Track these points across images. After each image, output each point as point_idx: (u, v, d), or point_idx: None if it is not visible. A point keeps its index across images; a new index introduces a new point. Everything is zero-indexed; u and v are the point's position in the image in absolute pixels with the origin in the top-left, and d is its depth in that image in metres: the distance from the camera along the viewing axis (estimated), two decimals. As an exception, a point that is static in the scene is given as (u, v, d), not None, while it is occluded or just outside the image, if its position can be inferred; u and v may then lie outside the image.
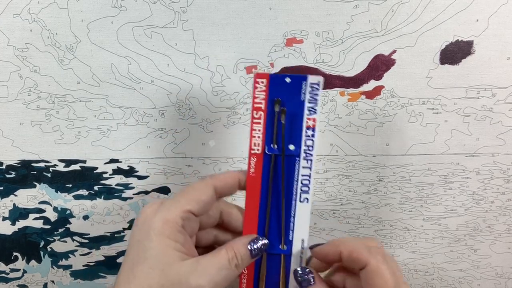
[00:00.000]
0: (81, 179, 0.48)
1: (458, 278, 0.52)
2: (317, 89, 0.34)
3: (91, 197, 0.49)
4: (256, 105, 0.34)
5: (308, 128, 0.34)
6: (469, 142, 0.47)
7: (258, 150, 0.34)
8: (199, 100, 0.46)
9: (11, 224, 0.49)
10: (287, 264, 0.35)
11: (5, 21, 0.44)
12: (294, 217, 0.35)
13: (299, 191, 0.35)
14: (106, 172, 0.48)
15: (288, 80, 0.34)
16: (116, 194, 0.49)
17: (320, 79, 0.34)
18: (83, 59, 0.45)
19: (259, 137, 0.34)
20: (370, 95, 0.46)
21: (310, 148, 0.34)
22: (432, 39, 0.44)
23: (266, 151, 0.34)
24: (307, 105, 0.34)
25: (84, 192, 0.49)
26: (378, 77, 0.45)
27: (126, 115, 0.46)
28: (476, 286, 0.53)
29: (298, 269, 0.34)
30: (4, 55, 0.45)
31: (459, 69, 0.45)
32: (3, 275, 0.51)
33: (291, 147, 0.34)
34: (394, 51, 0.45)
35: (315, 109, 0.34)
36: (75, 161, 0.48)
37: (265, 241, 0.34)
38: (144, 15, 0.44)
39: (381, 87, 0.46)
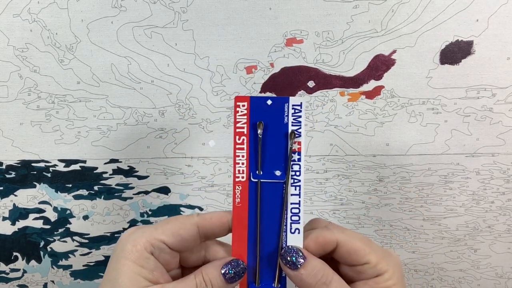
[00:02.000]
0: (81, 179, 0.48)
1: (458, 278, 0.52)
2: (300, 110, 0.32)
3: (91, 197, 0.49)
4: (238, 130, 0.32)
5: (293, 152, 0.32)
6: (469, 142, 0.47)
7: (242, 177, 0.32)
8: (199, 100, 0.46)
9: (11, 224, 0.49)
10: None
11: (5, 21, 0.44)
12: None
13: (289, 221, 0.32)
14: (106, 172, 0.48)
15: (269, 102, 0.32)
16: (116, 194, 0.49)
17: (303, 100, 0.32)
18: (83, 59, 0.45)
19: (243, 163, 0.32)
20: (370, 95, 0.46)
21: (297, 173, 0.32)
22: (432, 39, 0.44)
23: (252, 178, 0.32)
24: (290, 128, 0.32)
25: (84, 192, 0.49)
26: (378, 77, 0.45)
27: (126, 115, 0.46)
28: (476, 286, 0.53)
29: (286, 249, 0.31)
30: (4, 55, 0.45)
31: (459, 69, 0.45)
32: (3, 275, 0.51)
33: (277, 173, 0.32)
34: (394, 51, 0.45)
35: (299, 132, 0.32)
36: (75, 161, 0.48)
37: (242, 264, 0.32)
38: (144, 15, 0.44)
39: (381, 87, 0.46)
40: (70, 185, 0.48)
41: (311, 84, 0.46)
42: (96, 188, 0.48)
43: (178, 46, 0.45)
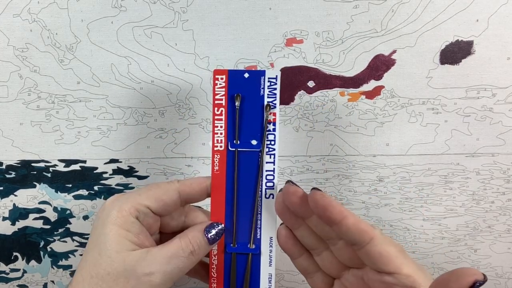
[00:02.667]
0: (81, 179, 0.48)
1: (458, 278, 0.52)
2: (275, 83, 0.34)
3: (91, 197, 0.49)
4: (216, 102, 0.34)
5: (269, 122, 0.34)
6: (469, 142, 0.47)
7: (221, 147, 0.34)
8: (199, 100, 0.46)
9: (11, 224, 0.49)
10: (256, 263, 0.35)
11: (5, 21, 0.44)
12: (261, 214, 0.35)
13: (264, 187, 0.34)
14: (106, 172, 0.48)
15: (246, 75, 0.34)
16: (116, 194, 0.49)
17: (278, 73, 0.34)
18: (83, 59, 0.45)
19: (221, 133, 0.34)
20: (370, 95, 0.46)
21: (272, 142, 0.34)
22: (432, 39, 0.44)
23: (229, 147, 0.34)
24: (266, 99, 0.34)
25: (84, 192, 0.49)
26: (378, 77, 0.45)
27: (126, 115, 0.47)
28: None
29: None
30: (4, 55, 0.45)
31: (459, 69, 0.45)
32: (3, 275, 0.51)
33: (253, 142, 0.34)
34: (394, 51, 0.45)
35: (274, 104, 0.34)
36: (75, 161, 0.48)
37: (221, 225, 0.34)
38: (144, 15, 0.44)
39: (381, 87, 0.46)
40: (70, 185, 0.48)
41: (311, 84, 0.46)
42: (96, 188, 0.48)
43: (178, 46, 0.45)
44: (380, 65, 0.45)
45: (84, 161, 0.48)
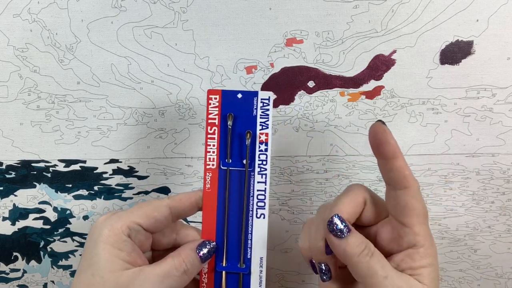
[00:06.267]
0: (81, 179, 0.48)
1: (458, 278, 0.52)
2: (268, 104, 0.34)
3: (91, 197, 0.49)
4: (210, 121, 0.35)
5: (261, 142, 0.35)
6: (469, 142, 0.47)
7: (213, 165, 0.35)
8: (199, 100, 0.46)
9: (11, 224, 0.49)
10: (246, 283, 0.35)
11: (5, 21, 0.44)
12: (251, 234, 0.35)
13: (255, 206, 0.35)
14: (106, 172, 0.48)
15: (239, 96, 0.35)
16: (116, 194, 0.49)
17: (271, 94, 0.35)
18: (83, 59, 0.45)
19: (213, 152, 0.35)
20: (370, 95, 0.46)
21: (264, 162, 0.35)
22: (432, 39, 0.44)
23: (221, 166, 0.35)
24: (259, 120, 0.34)
25: (84, 192, 0.49)
26: (378, 77, 0.45)
27: (126, 115, 0.47)
28: (476, 286, 0.53)
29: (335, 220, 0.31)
30: (4, 55, 0.45)
31: (459, 69, 0.45)
32: (3, 275, 0.51)
33: (245, 162, 0.35)
34: (394, 51, 0.45)
35: (267, 124, 0.35)
36: (75, 161, 0.48)
37: (213, 243, 0.34)
38: (144, 15, 0.44)
39: (381, 87, 0.46)
40: (70, 185, 0.48)
41: (311, 84, 0.46)
42: (96, 188, 0.48)
43: (178, 46, 0.45)
44: (380, 65, 0.45)
45: (84, 161, 0.48)
